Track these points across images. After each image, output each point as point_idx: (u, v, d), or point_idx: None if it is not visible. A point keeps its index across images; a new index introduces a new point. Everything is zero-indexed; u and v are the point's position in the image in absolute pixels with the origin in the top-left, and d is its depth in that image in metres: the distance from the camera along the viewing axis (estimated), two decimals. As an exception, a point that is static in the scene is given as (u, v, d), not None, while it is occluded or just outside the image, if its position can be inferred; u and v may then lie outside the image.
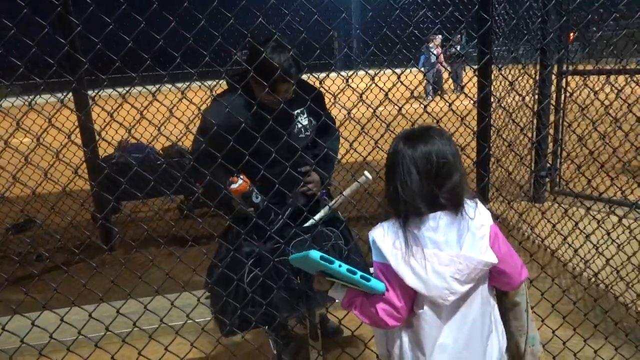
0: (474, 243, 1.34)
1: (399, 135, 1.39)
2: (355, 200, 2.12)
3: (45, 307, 1.60)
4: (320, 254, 1.33)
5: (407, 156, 1.32)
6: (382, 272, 1.37)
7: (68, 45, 1.46)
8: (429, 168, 1.31)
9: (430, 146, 1.33)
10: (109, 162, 4.37)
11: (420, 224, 1.33)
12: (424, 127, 1.39)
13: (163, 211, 5.10)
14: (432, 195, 1.32)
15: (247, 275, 2.04)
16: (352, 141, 1.68)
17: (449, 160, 1.33)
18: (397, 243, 1.33)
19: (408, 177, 1.31)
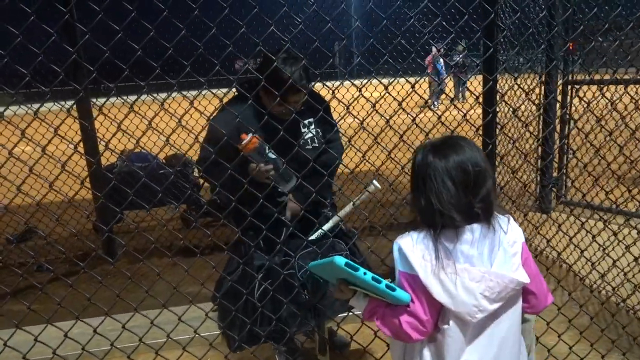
0: (505, 260, 1.29)
1: (425, 146, 1.34)
2: (367, 212, 2.08)
3: (49, 322, 1.55)
4: (345, 260, 1.27)
5: (440, 167, 1.28)
6: (408, 282, 1.31)
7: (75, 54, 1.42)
8: (464, 178, 1.27)
9: (462, 155, 1.28)
10: (112, 171, 4.33)
11: (454, 237, 1.29)
12: (450, 137, 1.36)
13: (166, 221, 5.05)
14: (468, 206, 1.28)
15: (257, 289, 1.99)
16: (366, 151, 1.64)
17: (482, 167, 1.29)
18: (427, 255, 1.28)
19: (443, 188, 1.26)
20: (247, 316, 2.01)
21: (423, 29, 2.42)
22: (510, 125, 4.08)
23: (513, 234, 1.34)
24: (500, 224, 1.32)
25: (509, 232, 1.32)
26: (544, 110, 4.20)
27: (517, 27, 3.89)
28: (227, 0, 1.62)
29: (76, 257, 4.23)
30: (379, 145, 1.62)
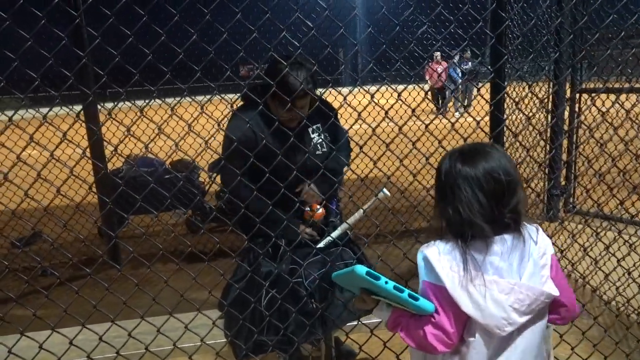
0: (534, 272, 1.26)
1: (452, 153, 1.30)
2: (378, 220, 2.05)
3: (54, 330, 1.52)
4: (366, 269, 1.24)
5: (469, 175, 1.23)
6: (434, 293, 1.27)
7: (86, 58, 1.41)
8: (495, 187, 1.23)
9: (492, 163, 1.24)
10: (117, 175, 4.32)
11: (484, 248, 1.24)
12: (478, 144, 1.32)
13: (171, 226, 5.03)
14: (498, 216, 1.23)
15: (264, 297, 1.96)
16: (377, 160, 1.62)
17: (513, 176, 1.25)
18: (455, 266, 1.24)
19: (473, 198, 1.22)
20: (254, 324, 1.98)
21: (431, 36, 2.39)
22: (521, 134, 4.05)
23: (543, 244, 1.30)
24: (530, 234, 1.28)
25: (538, 243, 1.29)
26: (552, 118, 4.16)
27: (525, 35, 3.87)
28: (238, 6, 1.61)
29: (80, 262, 4.21)
30: (391, 152, 1.59)
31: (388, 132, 2.21)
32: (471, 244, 1.24)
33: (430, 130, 1.74)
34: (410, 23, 4.65)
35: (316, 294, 2.06)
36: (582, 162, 4.59)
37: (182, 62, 1.56)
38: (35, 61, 1.50)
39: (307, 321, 1.98)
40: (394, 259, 2.41)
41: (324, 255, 2.01)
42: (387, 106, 1.80)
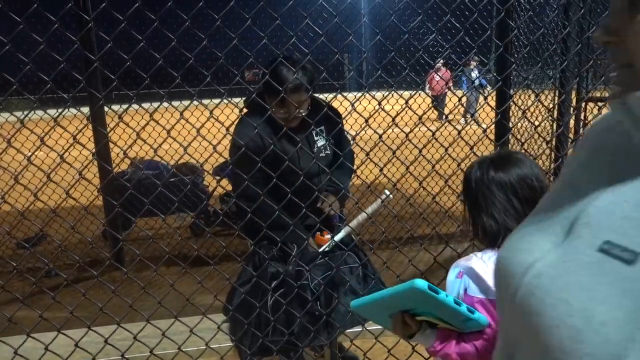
0: None
1: (482, 161, 1.29)
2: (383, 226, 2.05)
3: (60, 331, 1.53)
4: (428, 283, 1.14)
5: (503, 182, 1.24)
6: (486, 308, 1.22)
7: (97, 62, 1.42)
8: (530, 193, 1.24)
9: (524, 169, 1.25)
10: (122, 178, 4.34)
11: None
12: (505, 151, 1.34)
13: (174, 229, 5.04)
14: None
15: (270, 298, 1.97)
16: (382, 167, 1.63)
17: (545, 183, 1.27)
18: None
19: (508, 204, 1.23)
20: (259, 327, 1.98)
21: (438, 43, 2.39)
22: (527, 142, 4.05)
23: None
24: None
25: None
26: (558, 127, 4.16)
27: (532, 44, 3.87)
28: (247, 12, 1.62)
29: (85, 264, 4.23)
30: (397, 159, 1.60)
31: (393, 139, 2.22)
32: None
33: (436, 137, 1.75)
34: (416, 30, 4.67)
35: (321, 298, 2.06)
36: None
37: (190, 66, 1.57)
38: (44, 63, 1.52)
39: (312, 325, 1.98)
40: (398, 266, 2.41)
41: (329, 259, 2.01)
42: (392, 112, 1.81)
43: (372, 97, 1.86)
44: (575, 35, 3.84)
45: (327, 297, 2.05)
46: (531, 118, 3.98)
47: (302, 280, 1.98)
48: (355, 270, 2.13)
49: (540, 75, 4.40)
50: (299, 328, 1.97)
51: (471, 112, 12.81)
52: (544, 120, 3.59)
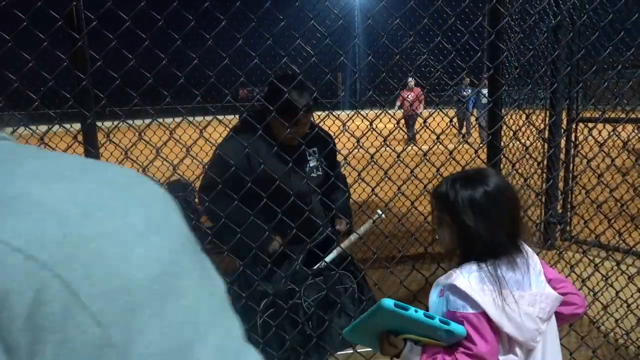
0: (537, 279, 1.32)
1: (455, 180, 1.33)
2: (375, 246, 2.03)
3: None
4: (394, 301, 1.18)
5: (490, 194, 1.28)
6: (471, 324, 1.23)
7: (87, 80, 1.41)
8: (509, 205, 1.30)
9: (501, 182, 1.31)
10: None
11: (504, 265, 1.28)
12: (476, 169, 1.40)
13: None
14: (514, 231, 1.30)
15: (260, 318, 1.93)
16: (374, 186, 1.62)
17: (517, 194, 1.34)
18: (486, 288, 1.24)
19: (497, 218, 1.28)
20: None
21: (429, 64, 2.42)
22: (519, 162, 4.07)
23: (532, 255, 1.37)
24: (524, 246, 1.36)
25: (528, 252, 1.35)
26: (549, 147, 4.19)
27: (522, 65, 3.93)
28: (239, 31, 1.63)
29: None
30: (389, 179, 1.59)
31: (386, 157, 2.22)
32: (498, 262, 1.28)
33: (428, 157, 1.74)
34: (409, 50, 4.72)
35: (314, 318, 2.03)
36: (579, 191, 4.60)
37: (181, 85, 1.57)
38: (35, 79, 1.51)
39: (304, 346, 1.95)
40: (390, 285, 2.39)
41: (322, 279, 1.98)
42: (385, 131, 1.81)
43: (364, 116, 1.87)
44: (565, 57, 3.90)
45: (320, 318, 2.02)
46: (522, 138, 4.01)
47: (295, 299, 1.95)
48: (352, 292, 2.10)
49: (532, 96, 4.45)
50: (290, 349, 1.93)
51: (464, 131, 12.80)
52: (535, 141, 3.61)
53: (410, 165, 1.72)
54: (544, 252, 4.27)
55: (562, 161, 4.01)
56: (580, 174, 3.74)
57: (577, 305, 1.41)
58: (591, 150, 3.40)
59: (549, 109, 3.94)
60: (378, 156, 1.82)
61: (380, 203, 1.75)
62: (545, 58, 3.92)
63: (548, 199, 4.34)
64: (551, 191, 4.33)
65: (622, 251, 2.92)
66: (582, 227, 3.88)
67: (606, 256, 2.21)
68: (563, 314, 1.38)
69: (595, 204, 1.91)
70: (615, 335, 2.59)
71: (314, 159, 2.21)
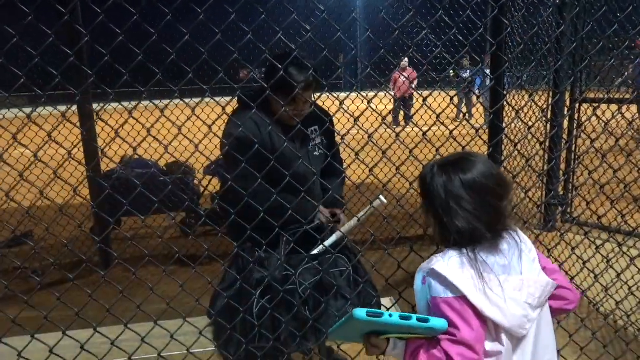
0: (529, 266, 1.28)
1: (442, 165, 1.28)
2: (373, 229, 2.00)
3: (33, 337, 1.47)
4: (365, 311, 1.17)
5: (471, 182, 1.24)
6: (452, 308, 1.20)
7: (74, 56, 1.36)
8: (493, 190, 1.25)
9: (484, 167, 1.26)
10: (111, 177, 4.27)
11: (490, 250, 1.25)
12: (460, 153, 1.33)
13: (164, 229, 4.97)
14: (494, 218, 1.25)
15: (256, 305, 1.91)
16: (373, 167, 1.58)
17: (501, 179, 1.28)
18: (467, 272, 1.21)
19: (479, 203, 1.23)
20: (245, 332, 1.93)
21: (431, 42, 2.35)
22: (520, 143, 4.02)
23: (525, 239, 1.33)
24: (515, 233, 1.32)
25: (522, 239, 1.32)
26: (552, 128, 4.14)
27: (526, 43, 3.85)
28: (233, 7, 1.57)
29: (72, 263, 4.16)
30: (387, 159, 1.55)
31: (386, 139, 2.17)
32: (481, 248, 1.25)
33: (428, 137, 1.70)
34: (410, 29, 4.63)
35: (310, 302, 2.02)
36: (580, 172, 4.56)
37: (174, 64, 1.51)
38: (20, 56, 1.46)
39: (300, 329, 1.94)
40: (389, 267, 2.37)
41: (318, 263, 1.96)
42: (385, 112, 1.77)
43: (363, 97, 1.82)
44: (570, 35, 3.81)
45: (316, 302, 2.01)
46: (525, 119, 3.95)
47: (290, 284, 1.93)
48: (348, 275, 2.08)
49: (534, 76, 4.37)
50: (286, 334, 1.92)
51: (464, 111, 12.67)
52: (537, 121, 3.56)
53: (410, 146, 1.68)
54: (545, 233, 4.25)
55: (565, 141, 3.96)
56: (582, 154, 3.70)
57: (569, 301, 1.38)
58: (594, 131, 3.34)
59: (552, 88, 3.87)
60: (377, 137, 1.78)
61: (379, 184, 1.72)
62: (550, 36, 3.84)
63: (550, 181, 4.31)
64: (553, 172, 4.29)
65: (624, 233, 2.89)
66: (583, 209, 3.85)
67: (608, 238, 2.18)
68: (552, 307, 1.34)
69: (598, 184, 1.87)
70: (614, 316, 2.58)
71: (317, 137, 2.19)
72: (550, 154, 4.12)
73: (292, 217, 1.77)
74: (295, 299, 1.93)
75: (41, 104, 1.46)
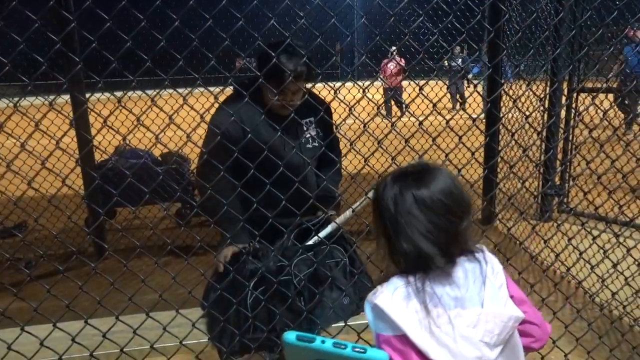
0: (494, 295, 1.10)
1: (391, 176, 1.14)
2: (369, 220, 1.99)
3: (24, 330, 1.45)
4: (296, 334, 1.08)
5: (416, 199, 1.07)
6: (393, 347, 1.06)
7: (61, 42, 1.32)
8: (444, 210, 1.08)
9: (441, 183, 1.10)
10: (105, 167, 4.23)
11: (441, 280, 1.08)
12: (419, 165, 1.16)
13: (159, 219, 4.95)
14: (448, 242, 1.08)
15: (250, 296, 1.90)
16: (368, 156, 1.55)
17: (461, 197, 1.11)
18: (412, 306, 1.05)
19: (430, 224, 1.07)
20: (239, 323, 1.91)
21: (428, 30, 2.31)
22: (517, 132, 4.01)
23: (493, 263, 1.15)
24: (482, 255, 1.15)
25: (489, 262, 1.14)
26: (549, 117, 4.11)
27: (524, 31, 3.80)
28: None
29: (66, 254, 4.13)
30: (383, 149, 1.53)
31: (382, 128, 2.15)
32: (430, 277, 1.08)
33: (424, 127, 1.67)
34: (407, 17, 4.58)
35: (305, 293, 2.00)
36: (577, 162, 4.55)
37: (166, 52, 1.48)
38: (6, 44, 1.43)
39: (295, 321, 1.92)
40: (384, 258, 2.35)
41: (313, 254, 1.94)
42: (381, 101, 1.73)
43: (360, 86, 1.79)
44: (569, 23, 3.77)
45: (311, 293, 1.99)
46: (522, 108, 3.93)
47: (285, 275, 1.92)
48: (343, 266, 2.06)
49: (532, 66, 4.34)
50: (281, 325, 1.91)
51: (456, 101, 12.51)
52: (535, 111, 3.53)
53: (406, 135, 1.65)
54: (541, 224, 4.25)
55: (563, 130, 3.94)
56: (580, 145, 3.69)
57: (535, 339, 1.18)
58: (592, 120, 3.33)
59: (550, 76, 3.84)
60: (373, 126, 1.75)
61: (374, 174, 1.69)
62: (548, 24, 3.80)
63: (546, 171, 4.30)
64: (549, 162, 4.28)
65: (620, 223, 2.89)
66: (580, 199, 3.84)
67: (605, 228, 2.17)
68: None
69: (595, 174, 1.85)
70: (610, 307, 2.58)
71: (311, 129, 2.15)
72: (547, 143, 4.11)
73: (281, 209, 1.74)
74: (290, 290, 1.91)
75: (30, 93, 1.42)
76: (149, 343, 1.72)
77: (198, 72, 1.56)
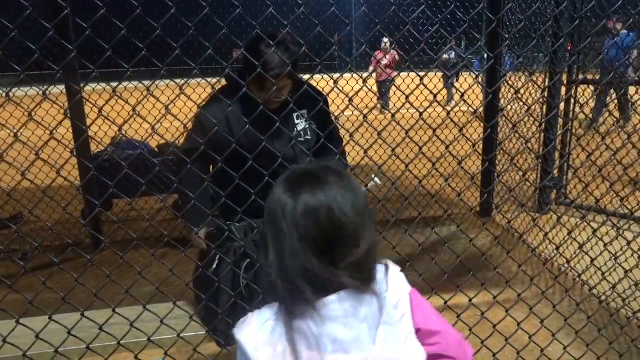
0: (389, 333, 0.87)
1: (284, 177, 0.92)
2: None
3: (19, 322, 1.43)
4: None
5: (289, 212, 0.85)
6: None
7: (54, 30, 1.29)
8: (320, 231, 0.84)
9: (322, 196, 0.85)
10: (101, 158, 4.20)
11: (313, 315, 0.84)
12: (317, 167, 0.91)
13: (156, 211, 4.93)
14: (325, 271, 0.83)
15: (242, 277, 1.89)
16: (367, 148, 1.53)
17: (352, 217, 0.85)
18: (280, 347, 0.85)
19: (288, 244, 0.84)
20: (233, 307, 1.89)
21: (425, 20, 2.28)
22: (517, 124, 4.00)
23: (394, 288, 0.91)
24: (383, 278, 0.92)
25: (389, 287, 0.90)
26: (548, 109, 4.10)
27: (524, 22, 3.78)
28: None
29: (62, 245, 4.11)
30: (382, 141, 1.51)
31: (380, 120, 2.13)
32: (301, 310, 0.85)
33: (424, 118, 1.65)
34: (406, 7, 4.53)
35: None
36: (576, 154, 4.54)
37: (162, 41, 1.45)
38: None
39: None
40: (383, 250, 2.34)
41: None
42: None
43: (359, 76, 1.76)
44: (568, 15, 3.75)
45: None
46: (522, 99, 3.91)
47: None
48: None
49: (531, 58, 4.32)
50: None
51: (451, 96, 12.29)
52: (535, 102, 3.52)
53: (405, 127, 1.64)
54: (540, 216, 4.25)
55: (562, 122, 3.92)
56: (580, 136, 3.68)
57: None
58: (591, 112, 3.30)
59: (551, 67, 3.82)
60: (372, 118, 1.73)
61: (373, 166, 1.67)
62: (548, 15, 3.77)
63: (545, 162, 4.29)
64: (548, 154, 4.27)
65: (619, 216, 2.88)
66: (579, 191, 3.84)
67: (604, 221, 2.17)
68: None
69: (596, 166, 1.84)
70: (608, 299, 2.59)
71: (302, 122, 2.09)
72: (547, 134, 4.09)
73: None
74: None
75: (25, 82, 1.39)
76: (146, 335, 1.70)
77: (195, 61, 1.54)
